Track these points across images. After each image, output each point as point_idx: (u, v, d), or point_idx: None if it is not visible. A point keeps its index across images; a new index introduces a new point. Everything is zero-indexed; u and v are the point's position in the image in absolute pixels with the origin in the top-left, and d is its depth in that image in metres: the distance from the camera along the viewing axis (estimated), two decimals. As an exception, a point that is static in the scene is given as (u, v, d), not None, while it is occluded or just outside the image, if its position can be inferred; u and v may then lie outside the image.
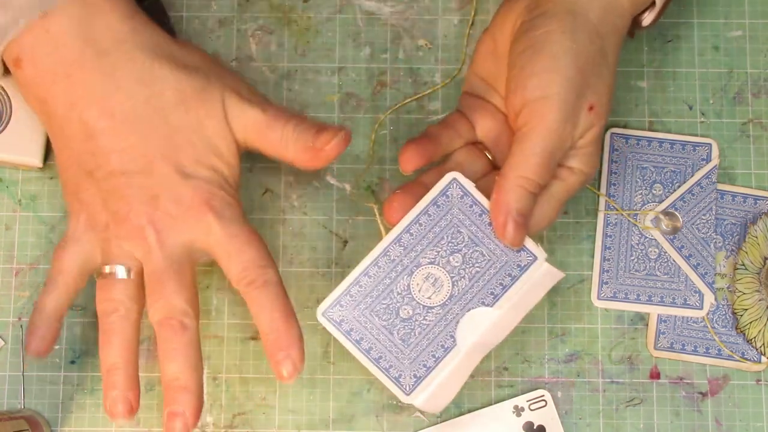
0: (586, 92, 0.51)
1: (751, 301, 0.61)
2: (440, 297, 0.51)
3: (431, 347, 0.51)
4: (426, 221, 0.52)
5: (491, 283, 0.51)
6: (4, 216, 0.63)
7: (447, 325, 0.51)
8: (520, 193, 0.51)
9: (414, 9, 0.65)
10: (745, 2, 0.66)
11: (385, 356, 0.51)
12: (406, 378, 0.51)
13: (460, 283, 0.51)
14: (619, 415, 0.61)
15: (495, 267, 0.51)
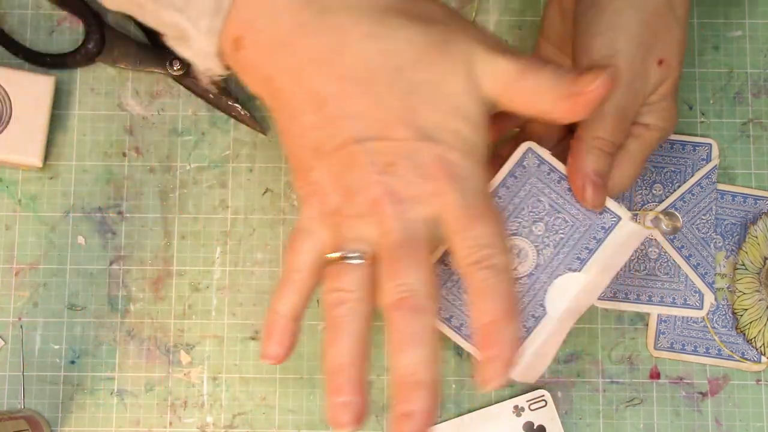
0: (655, 46, 0.50)
1: (751, 301, 0.61)
2: (526, 267, 0.50)
3: (522, 318, 0.50)
4: (505, 194, 0.51)
5: (577, 248, 0.50)
6: (4, 216, 0.63)
7: (536, 294, 0.50)
8: (596, 154, 0.50)
9: (414, 9, 0.65)
10: (745, 2, 0.66)
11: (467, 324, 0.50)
12: None
13: (545, 252, 0.50)
14: (619, 415, 0.61)
15: (579, 232, 0.50)
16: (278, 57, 0.45)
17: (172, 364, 0.61)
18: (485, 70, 0.45)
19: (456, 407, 0.61)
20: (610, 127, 0.50)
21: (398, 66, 0.44)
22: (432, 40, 0.44)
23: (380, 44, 0.44)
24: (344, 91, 0.44)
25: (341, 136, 0.44)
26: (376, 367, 0.61)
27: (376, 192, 0.44)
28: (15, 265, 0.62)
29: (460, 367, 0.61)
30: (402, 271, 0.44)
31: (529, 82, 0.46)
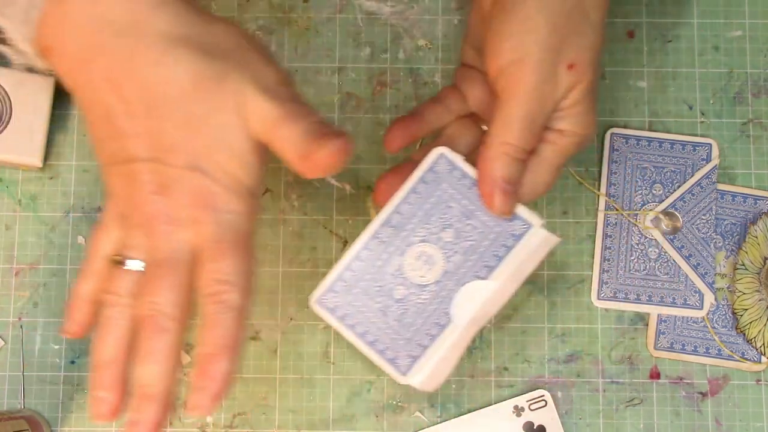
0: (564, 50, 0.50)
1: (751, 301, 0.61)
2: (434, 274, 0.50)
3: (426, 325, 0.50)
4: (415, 199, 0.51)
5: (486, 255, 0.50)
6: (4, 216, 0.63)
7: (442, 302, 0.50)
8: (505, 161, 0.50)
9: (414, 9, 0.65)
10: (745, 2, 0.66)
11: (381, 339, 0.50)
12: (402, 359, 0.50)
13: (453, 259, 0.50)
14: (619, 415, 0.61)
15: (488, 239, 0.50)
16: (79, 72, 0.48)
17: (172, 364, 0.61)
18: (253, 109, 0.47)
19: (456, 407, 0.61)
20: (517, 133, 0.50)
21: (177, 95, 0.46)
22: (209, 74, 0.46)
23: (164, 73, 0.46)
24: (131, 112, 0.47)
25: (127, 152, 0.47)
26: (376, 367, 0.61)
27: (151, 210, 0.47)
28: (15, 265, 0.62)
29: (460, 367, 0.61)
30: (156, 289, 0.47)
31: (282, 132, 0.47)
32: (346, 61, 0.65)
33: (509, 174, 0.50)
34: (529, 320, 0.62)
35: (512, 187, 0.50)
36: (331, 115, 0.64)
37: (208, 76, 0.47)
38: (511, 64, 0.49)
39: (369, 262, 0.51)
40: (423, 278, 0.50)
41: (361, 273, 0.51)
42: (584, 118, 0.52)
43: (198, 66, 0.46)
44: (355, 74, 0.65)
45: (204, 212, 0.47)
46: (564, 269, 0.63)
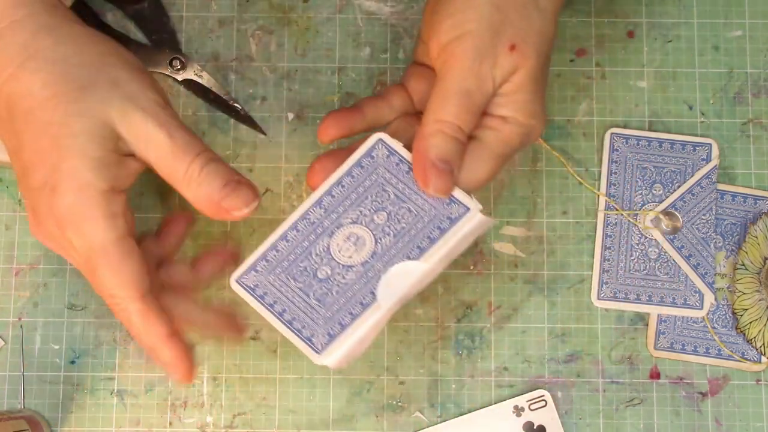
0: (506, 31, 0.48)
1: (751, 301, 0.61)
2: (362, 255, 0.49)
3: (349, 305, 0.48)
4: (349, 183, 0.50)
5: (418, 237, 0.49)
6: (4, 216, 0.63)
7: (368, 282, 0.48)
8: (440, 138, 0.48)
9: (414, 9, 0.65)
10: (745, 2, 0.66)
11: (299, 317, 0.49)
12: (319, 337, 0.48)
13: (384, 240, 0.49)
14: (619, 415, 0.61)
15: (422, 222, 0.49)
16: None
17: (172, 364, 0.61)
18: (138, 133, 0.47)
19: (456, 407, 0.61)
20: (453, 109, 0.48)
21: (30, 107, 0.46)
22: (71, 84, 0.46)
23: (18, 87, 0.46)
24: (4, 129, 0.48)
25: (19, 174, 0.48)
26: (376, 367, 0.61)
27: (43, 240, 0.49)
28: (15, 265, 0.62)
29: (460, 367, 0.61)
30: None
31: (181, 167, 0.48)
32: (346, 61, 0.65)
33: (444, 152, 0.48)
34: (529, 320, 0.62)
35: (447, 166, 0.48)
36: (331, 115, 0.64)
37: (70, 86, 0.46)
38: (450, 42, 0.49)
39: (295, 243, 0.50)
40: (350, 259, 0.49)
41: (286, 253, 0.50)
42: (528, 106, 0.50)
43: (56, 76, 0.46)
44: (355, 74, 0.64)
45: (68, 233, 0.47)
46: (564, 269, 0.63)
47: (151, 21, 0.64)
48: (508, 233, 0.63)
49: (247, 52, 0.65)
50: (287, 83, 0.64)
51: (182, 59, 0.63)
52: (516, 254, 0.63)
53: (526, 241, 0.63)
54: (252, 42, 0.65)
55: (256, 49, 0.65)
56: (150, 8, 0.64)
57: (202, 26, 0.65)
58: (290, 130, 0.64)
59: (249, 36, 0.65)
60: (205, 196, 0.48)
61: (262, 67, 0.64)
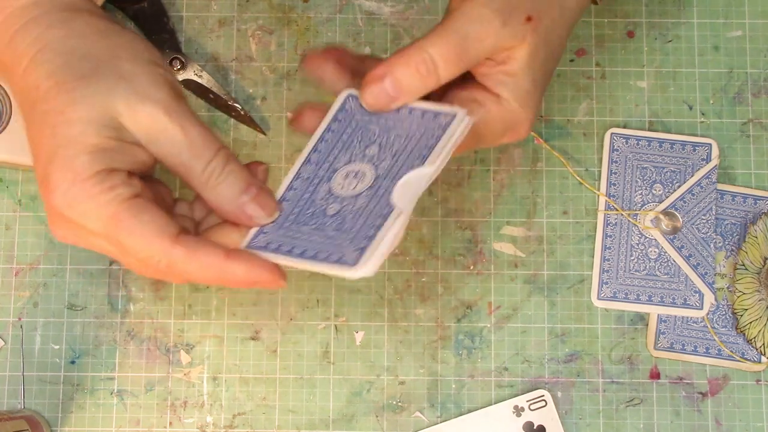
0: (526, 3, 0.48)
1: (751, 301, 0.61)
2: (365, 183, 0.48)
3: (369, 222, 0.47)
4: (331, 136, 0.50)
5: (415, 151, 0.48)
6: (4, 216, 0.63)
7: (380, 199, 0.48)
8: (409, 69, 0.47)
9: (414, 9, 0.65)
10: (745, 2, 0.66)
11: (322, 249, 0.47)
12: (349, 255, 0.47)
13: (383, 165, 0.49)
14: (619, 415, 0.61)
15: (415, 139, 0.49)
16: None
17: (172, 364, 0.61)
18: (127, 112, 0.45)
19: (456, 407, 0.61)
20: (443, 46, 0.47)
21: (35, 99, 0.45)
22: (71, 76, 0.45)
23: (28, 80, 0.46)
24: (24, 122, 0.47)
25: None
26: (376, 366, 0.61)
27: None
28: (15, 265, 0.62)
29: (460, 367, 0.61)
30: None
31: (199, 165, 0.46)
32: (346, 61, 0.65)
33: (404, 79, 0.47)
34: (529, 320, 0.62)
35: (395, 91, 0.48)
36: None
37: (71, 76, 0.45)
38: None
39: (296, 199, 0.49)
40: (355, 189, 0.49)
41: (289, 210, 0.49)
42: (526, 95, 0.49)
43: (59, 67, 0.45)
44: (355, 74, 0.64)
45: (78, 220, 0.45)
46: (564, 269, 0.63)
47: (151, 21, 0.64)
48: (508, 233, 0.63)
49: (247, 52, 0.65)
50: (287, 83, 0.64)
51: (182, 59, 0.63)
52: (516, 254, 0.63)
53: (526, 241, 0.63)
54: (252, 42, 0.65)
55: (256, 49, 0.65)
56: (150, 8, 0.64)
57: (202, 26, 0.65)
58: (290, 130, 0.64)
59: (249, 36, 0.65)
60: (227, 199, 0.46)
61: (262, 67, 0.64)
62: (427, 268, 0.63)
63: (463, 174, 0.64)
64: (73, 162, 0.44)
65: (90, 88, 0.45)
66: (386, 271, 0.62)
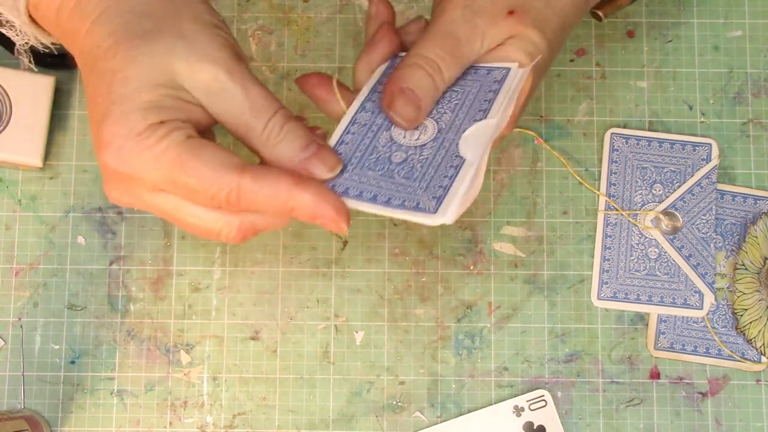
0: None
1: (751, 301, 0.61)
2: (428, 135, 0.48)
3: (440, 172, 0.47)
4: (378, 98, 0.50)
5: (475, 105, 0.49)
6: (4, 216, 0.63)
7: (447, 151, 0.48)
8: (415, 71, 0.48)
9: (414, 9, 0.65)
10: (745, 2, 0.66)
11: (395, 196, 0.47)
12: (426, 202, 0.46)
13: (443, 118, 0.49)
14: (619, 415, 0.61)
15: (472, 94, 0.49)
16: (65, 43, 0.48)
17: (172, 364, 0.61)
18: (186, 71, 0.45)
19: (456, 407, 0.61)
20: (437, 49, 0.48)
21: (96, 58, 0.45)
22: (131, 34, 0.45)
23: (90, 41, 0.46)
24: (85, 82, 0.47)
25: None
26: (376, 366, 0.61)
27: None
28: (15, 265, 0.62)
29: (460, 367, 0.61)
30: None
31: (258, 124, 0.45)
32: (346, 61, 0.65)
33: (417, 84, 0.48)
34: (529, 320, 0.62)
35: (417, 97, 0.48)
36: (331, 115, 0.64)
37: (131, 35, 0.45)
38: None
39: (354, 145, 0.49)
40: (418, 140, 0.49)
41: (350, 153, 0.49)
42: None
43: (119, 26, 0.45)
44: (355, 74, 0.64)
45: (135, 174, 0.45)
46: (564, 269, 0.63)
47: (151, 21, 0.64)
48: (508, 233, 0.63)
49: (247, 52, 0.65)
50: (287, 83, 0.64)
51: (182, 59, 0.63)
52: (516, 254, 0.63)
53: (526, 241, 0.63)
54: (252, 42, 0.65)
55: (256, 49, 0.65)
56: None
57: (202, 26, 0.65)
58: (290, 130, 0.64)
59: (249, 36, 0.65)
60: (287, 156, 0.46)
61: (262, 67, 0.64)
62: (427, 268, 0.63)
63: (463, 174, 0.64)
64: (126, 117, 0.44)
65: (149, 47, 0.45)
66: (386, 271, 0.62)
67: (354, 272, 0.62)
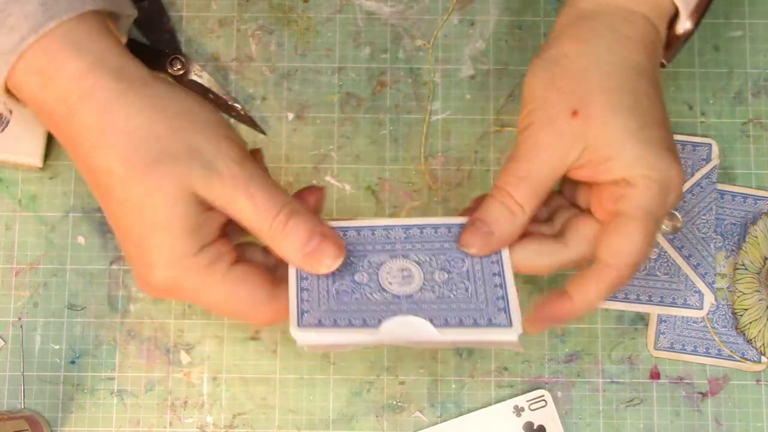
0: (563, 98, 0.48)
1: (751, 301, 0.61)
2: (400, 290, 0.49)
3: (355, 314, 0.48)
4: (443, 232, 0.51)
5: (453, 313, 0.48)
6: (4, 216, 0.63)
7: (385, 310, 0.48)
8: (491, 203, 0.49)
9: (414, 9, 0.65)
10: (745, 2, 0.66)
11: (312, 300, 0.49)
12: (309, 317, 0.48)
13: (425, 294, 0.49)
14: (619, 415, 0.61)
15: (468, 304, 0.49)
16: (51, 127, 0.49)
17: (172, 364, 0.61)
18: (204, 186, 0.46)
19: (456, 407, 0.61)
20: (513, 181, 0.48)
21: (110, 185, 0.46)
22: (145, 160, 0.46)
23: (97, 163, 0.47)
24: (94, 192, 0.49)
25: None
26: (376, 367, 0.61)
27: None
28: (15, 265, 0.62)
29: (460, 367, 0.61)
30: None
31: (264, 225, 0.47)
32: (346, 61, 0.65)
33: (491, 216, 0.49)
34: (529, 320, 0.62)
35: (487, 228, 0.49)
36: (331, 115, 0.64)
37: (145, 160, 0.46)
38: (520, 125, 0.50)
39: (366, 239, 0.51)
40: (390, 285, 0.49)
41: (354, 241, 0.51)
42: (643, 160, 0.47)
43: (129, 152, 0.46)
44: (355, 74, 0.65)
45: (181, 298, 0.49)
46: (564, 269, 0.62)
47: (151, 21, 0.64)
48: (508, 233, 0.63)
49: (247, 52, 0.65)
50: (287, 83, 0.64)
51: (182, 59, 0.63)
52: (516, 254, 0.63)
53: (526, 241, 0.63)
54: (252, 42, 0.65)
55: (256, 49, 0.65)
56: (150, 8, 0.64)
57: (202, 26, 0.65)
58: (290, 130, 0.64)
59: (249, 36, 0.65)
60: (292, 251, 0.47)
61: (262, 67, 0.64)
62: (427, 268, 0.63)
63: (463, 174, 0.64)
64: (170, 250, 0.46)
65: (165, 172, 0.46)
66: (386, 271, 0.62)
67: (354, 272, 0.62)
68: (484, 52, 0.65)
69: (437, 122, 0.64)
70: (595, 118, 0.47)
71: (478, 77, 0.65)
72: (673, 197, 0.48)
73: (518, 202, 0.49)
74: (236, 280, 0.47)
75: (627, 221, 0.47)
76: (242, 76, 0.64)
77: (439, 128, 0.64)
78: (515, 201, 0.48)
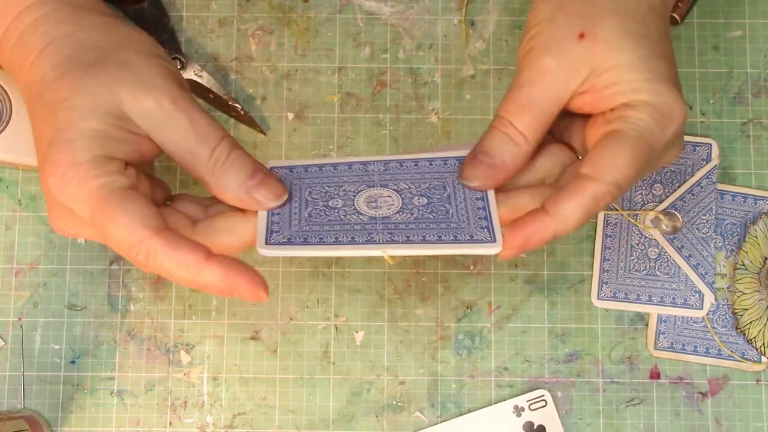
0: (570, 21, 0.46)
1: (751, 301, 0.61)
2: (377, 213, 0.47)
3: (327, 234, 0.46)
4: (424, 165, 0.50)
5: (432, 230, 0.46)
6: (4, 216, 0.63)
7: (359, 231, 0.46)
8: (493, 133, 0.47)
9: (414, 9, 0.65)
10: (745, 2, 0.66)
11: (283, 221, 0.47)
12: (278, 236, 0.46)
13: (403, 215, 0.47)
14: (619, 415, 0.61)
15: (448, 222, 0.47)
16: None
17: (172, 364, 0.61)
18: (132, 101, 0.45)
19: (456, 407, 0.61)
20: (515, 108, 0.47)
21: (41, 91, 0.46)
22: (76, 66, 0.45)
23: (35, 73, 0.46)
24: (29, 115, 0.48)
25: None
26: (376, 366, 0.61)
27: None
28: (15, 265, 0.62)
29: (460, 367, 0.61)
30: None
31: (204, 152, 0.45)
32: (346, 61, 0.65)
33: (491, 147, 0.47)
34: (529, 320, 0.62)
35: (488, 159, 0.47)
36: (331, 115, 0.64)
37: (76, 66, 0.45)
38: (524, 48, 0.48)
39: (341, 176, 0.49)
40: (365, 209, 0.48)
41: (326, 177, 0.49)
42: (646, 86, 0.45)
43: (64, 58, 0.46)
44: (355, 74, 0.65)
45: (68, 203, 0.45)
46: (564, 269, 0.63)
47: (151, 21, 0.64)
48: (508, 233, 0.63)
49: (247, 52, 0.65)
50: (287, 83, 0.64)
51: (182, 59, 0.63)
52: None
53: (526, 241, 0.63)
54: (252, 42, 0.65)
55: (256, 49, 0.65)
56: (150, 8, 0.64)
57: (202, 26, 0.65)
58: (290, 130, 0.64)
59: (249, 36, 0.65)
60: (234, 184, 0.46)
61: (262, 67, 0.64)
62: (427, 268, 0.63)
63: (463, 174, 0.64)
64: (71, 145, 0.44)
65: (94, 77, 0.45)
66: (386, 271, 0.62)
67: (354, 272, 0.62)
68: (484, 52, 0.65)
69: (437, 122, 0.64)
70: (604, 41, 0.46)
71: (478, 77, 0.65)
72: (672, 130, 0.46)
73: (521, 131, 0.47)
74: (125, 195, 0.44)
75: (617, 137, 0.45)
76: (242, 76, 0.64)
77: (439, 128, 0.64)
78: (517, 130, 0.47)
